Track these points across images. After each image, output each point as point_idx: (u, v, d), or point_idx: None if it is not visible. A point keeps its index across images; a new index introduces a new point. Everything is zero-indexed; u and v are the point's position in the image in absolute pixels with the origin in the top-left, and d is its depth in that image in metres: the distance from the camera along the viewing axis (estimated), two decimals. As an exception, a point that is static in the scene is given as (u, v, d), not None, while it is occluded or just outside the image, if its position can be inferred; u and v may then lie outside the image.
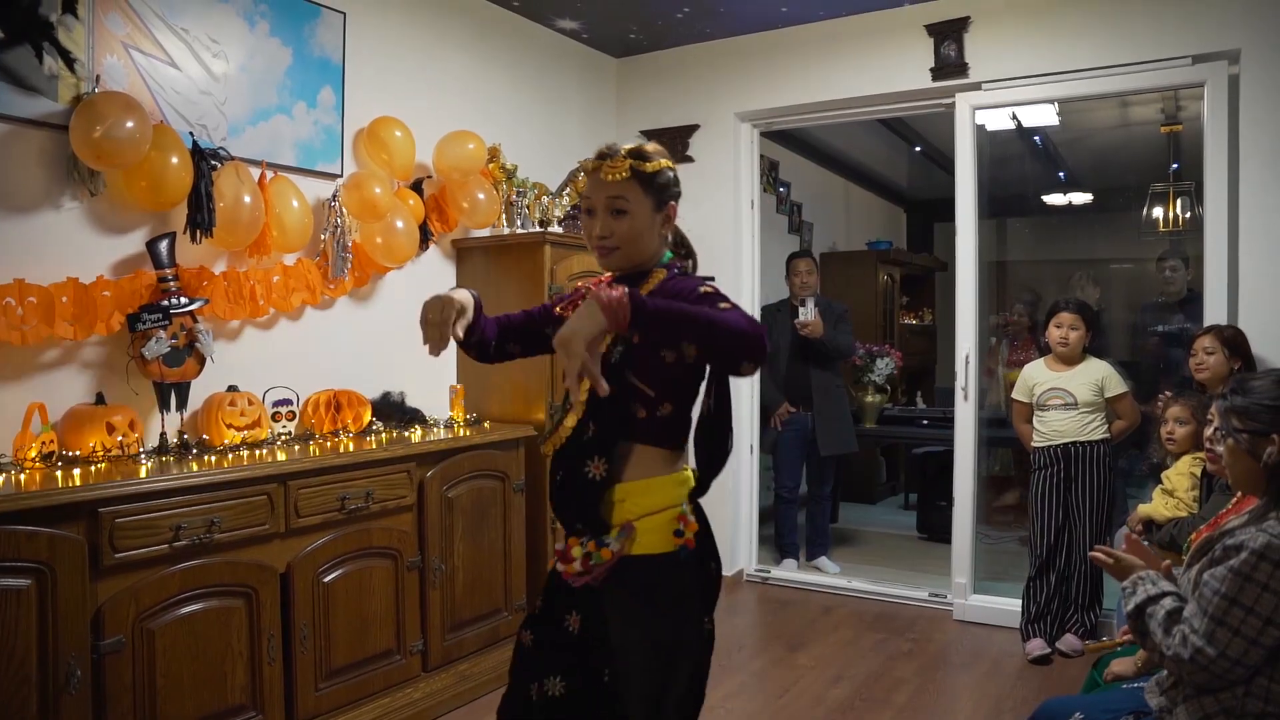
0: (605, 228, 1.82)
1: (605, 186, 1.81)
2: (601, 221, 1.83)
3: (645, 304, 1.54)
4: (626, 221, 1.81)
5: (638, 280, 1.86)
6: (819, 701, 3.45)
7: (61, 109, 2.76)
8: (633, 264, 1.86)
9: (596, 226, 1.83)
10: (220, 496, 2.68)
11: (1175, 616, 1.75)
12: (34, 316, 2.65)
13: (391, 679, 3.20)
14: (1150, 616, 1.80)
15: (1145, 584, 1.86)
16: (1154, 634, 1.78)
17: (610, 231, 1.82)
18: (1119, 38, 4.01)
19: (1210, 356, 3.38)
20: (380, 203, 3.48)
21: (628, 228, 1.82)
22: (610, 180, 1.80)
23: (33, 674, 2.24)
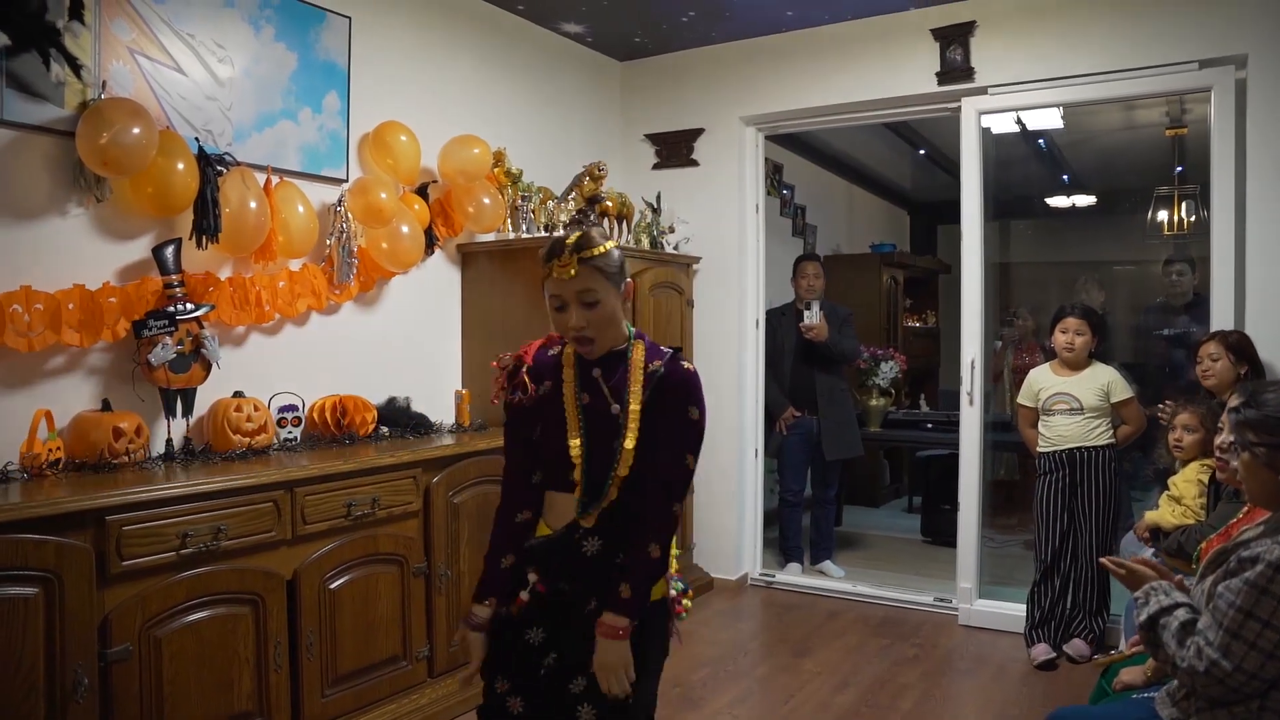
0: (580, 319, 1.86)
1: (569, 283, 1.85)
2: (576, 314, 1.86)
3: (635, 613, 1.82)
4: (599, 310, 1.87)
5: (618, 361, 1.93)
6: (825, 708, 3.44)
7: (68, 115, 2.76)
8: (610, 347, 1.93)
9: (572, 319, 1.86)
10: (227, 504, 2.68)
11: (1189, 628, 1.75)
12: (41, 323, 2.65)
13: (398, 685, 3.20)
14: (1164, 628, 1.79)
15: (1158, 594, 1.85)
16: (1167, 645, 1.77)
17: (587, 322, 1.86)
18: (1126, 42, 4.01)
19: (1216, 363, 3.37)
20: (386, 208, 3.47)
21: (600, 315, 1.87)
22: (570, 277, 1.84)
23: (40, 682, 2.23)
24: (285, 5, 3.41)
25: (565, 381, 1.94)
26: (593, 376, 1.92)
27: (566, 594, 1.91)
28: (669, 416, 1.88)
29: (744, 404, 4.99)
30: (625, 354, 1.93)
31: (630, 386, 1.90)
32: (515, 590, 1.97)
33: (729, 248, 4.97)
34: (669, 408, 1.88)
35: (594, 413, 1.91)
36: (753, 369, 5.04)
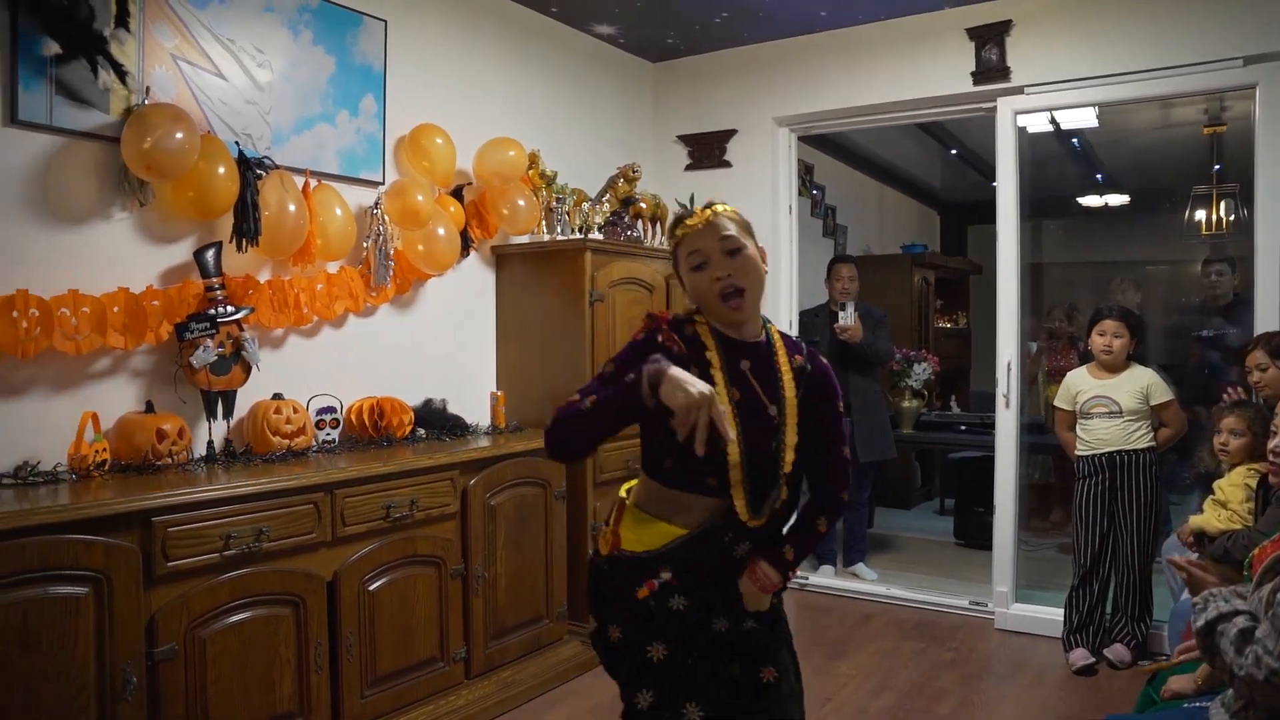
0: (725, 266, 1.75)
1: (705, 232, 1.77)
2: (719, 262, 1.76)
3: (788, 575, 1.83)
4: (744, 259, 1.77)
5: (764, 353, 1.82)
6: (862, 712, 3.42)
7: (113, 121, 2.79)
8: (754, 313, 1.81)
9: (718, 269, 1.75)
10: (268, 506, 2.70)
11: (1248, 636, 1.71)
12: (87, 326, 2.68)
13: (435, 686, 3.21)
14: (1221, 635, 1.76)
15: (1217, 600, 1.82)
16: (1225, 653, 1.74)
17: (732, 270, 1.75)
18: (1166, 39, 3.95)
19: (1265, 372, 3.30)
20: (423, 210, 3.49)
21: (745, 263, 1.76)
22: (708, 224, 1.77)
23: (91, 681, 2.26)
24: (323, 9, 3.43)
25: (713, 366, 1.77)
26: (741, 370, 1.79)
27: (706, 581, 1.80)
28: (824, 412, 1.85)
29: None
30: (770, 345, 1.85)
31: (782, 381, 1.81)
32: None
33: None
34: (822, 403, 1.85)
35: (746, 410, 1.77)
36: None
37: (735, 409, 1.75)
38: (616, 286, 4.00)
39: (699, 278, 1.78)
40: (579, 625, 3.83)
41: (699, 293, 1.79)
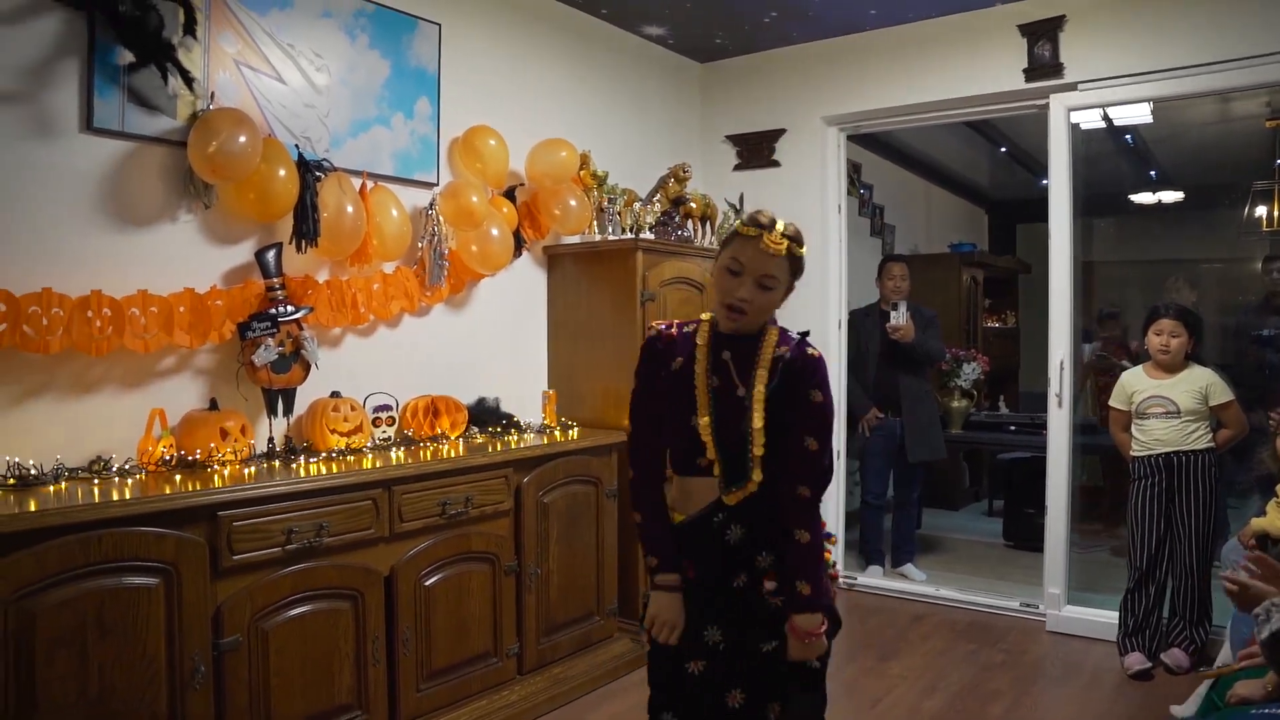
0: (750, 293, 1.90)
1: (764, 261, 1.89)
2: (748, 287, 1.90)
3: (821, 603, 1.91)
4: (768, 296, 1.93)
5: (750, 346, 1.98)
6: (914, 713, 3.41)
7: (179, 125, 2.87)
8: (752, 327, 1.97)
9: (742, 290, 1.90)
10: (329, 502, 2.75)
11: None
12: (155, 325, 2.75)
13: (489, 681, 3.25)
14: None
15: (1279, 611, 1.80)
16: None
17: (752, 298, 1.91)
18: (1224, 32, 3.88)
19: None
20: (477, 211, 3.53)
21: (767, 301, 1.93)
22: (770, 254, 1.89)
23: (162, 669, 2.33)
24: (379, 14, 3.49)
25: (697, 360, 1.99)
26: (723, 360, 1.97)
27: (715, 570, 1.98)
28: (793, 400, 1.94)
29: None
30: (758, 339, 1.98)
31: (757, 369, 1.95)
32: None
33: (811, 249, 4.87)
34: (793, 392, 1.93)
35: (722, 394, 1.95)
36: (836, 369, 5.01)
37: (711, 394, 1.95)
38: (667, 286, 4.02)
39: (728, 281, 1.93)
40: (629, 623, 3.85)
41: (718, 289, 1.96)
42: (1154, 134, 6.20)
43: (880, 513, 5.15)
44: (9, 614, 2.07)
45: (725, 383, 1.96)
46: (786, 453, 1.92)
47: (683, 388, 1.98)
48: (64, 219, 2.65)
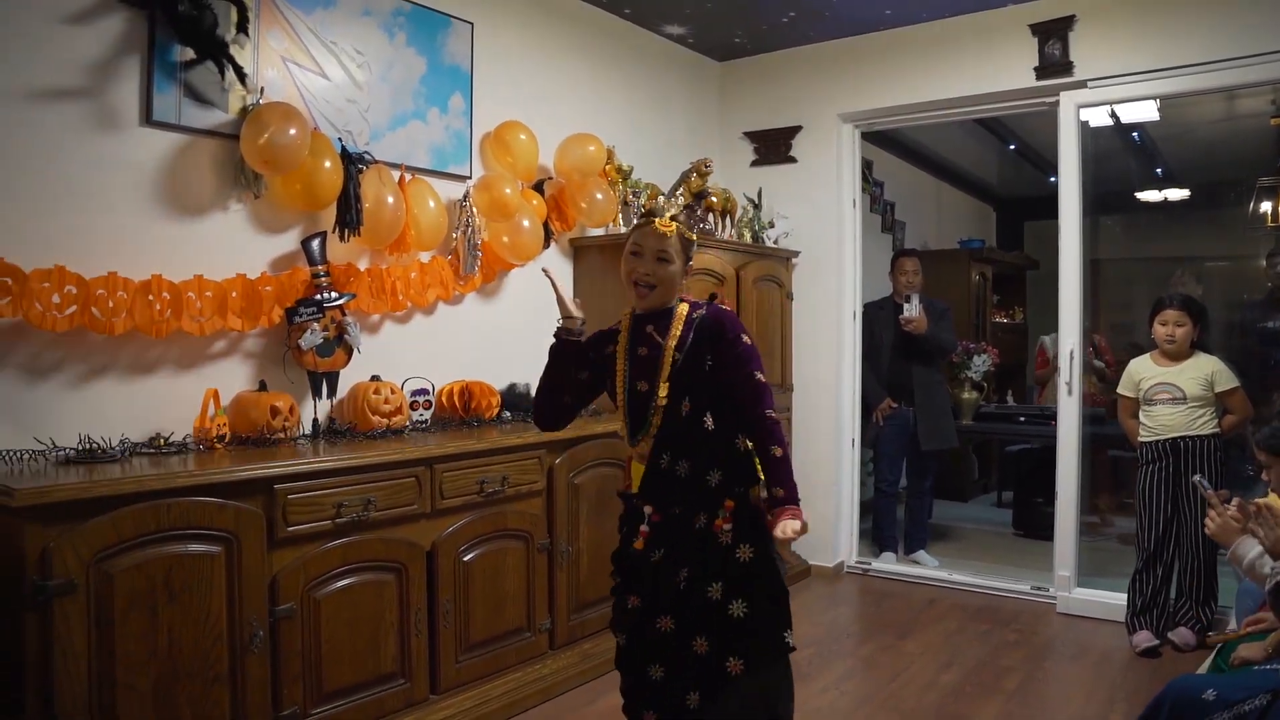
0: (649, 268, 2.29)
1: (656, 240, 2.29)
2: (648, 264, 2.29)
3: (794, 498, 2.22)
4: (667, 269, 2.30)
5: (664, 317, 2.33)
6: (931, 686, 3.53)
7: (231, 119, 3.00)
8: (661, 303, 2.33)
9: (643, 266, 2.30)
10: (375, 478, 2.88)
11: None
12: (210, 309, 2.89)
13: (523, 655, 3.38)
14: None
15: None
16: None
17: (653, 272, 2.29)
18: (1232, 29, 3.99)
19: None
20: (510, 202, 3.67)
21: (667, 274, 2.30)
22: (660, 233, 2.29)
23: (224, 632, 2.46)
24: (416, 13, 3.62)
25: (619, 344, 2.39)
26: (646, 331, 2.33)
27: (678, 516, 2.28)
28: (723, 348, 2.26)
29: (841, 394, 5.09)
30: (672, 310, 2.34)
31: (671, 330, 2.29)
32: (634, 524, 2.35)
33: (827, 242, 5.08)
34: (720, 342, 2.26)
35: (650, 360, 2.31)
36: (850, 360, 5.14)
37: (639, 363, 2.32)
38: (690, 277, 4.13)
39: (632, 262, 2.32)
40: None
41: (627, 274, 2.33)
42: (1160, 132, 6.32)
43: (893, 501, 5.28)
44: (90, 575, 2.20)
45: (652, 350, 2.31)
46: (739, 391, 2.25)
47: (611, 367, 2.38)
48: (126, 207, 2.79)
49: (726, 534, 2.23)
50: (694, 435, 2.26)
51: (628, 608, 2.33)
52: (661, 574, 2.26)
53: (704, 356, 2.25)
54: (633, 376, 2.32)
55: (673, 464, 2.27)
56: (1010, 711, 3.31)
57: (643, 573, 2.29)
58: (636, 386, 2.30)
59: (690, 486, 2.26)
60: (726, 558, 2.24)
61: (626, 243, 2.34)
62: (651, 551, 2.28)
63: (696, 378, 2.26)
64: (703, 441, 2.26)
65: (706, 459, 2.26)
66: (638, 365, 2.32)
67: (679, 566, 2.25)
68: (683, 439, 2.26)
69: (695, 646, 2.23)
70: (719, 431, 2.27)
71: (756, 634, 2.22)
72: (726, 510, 2.24)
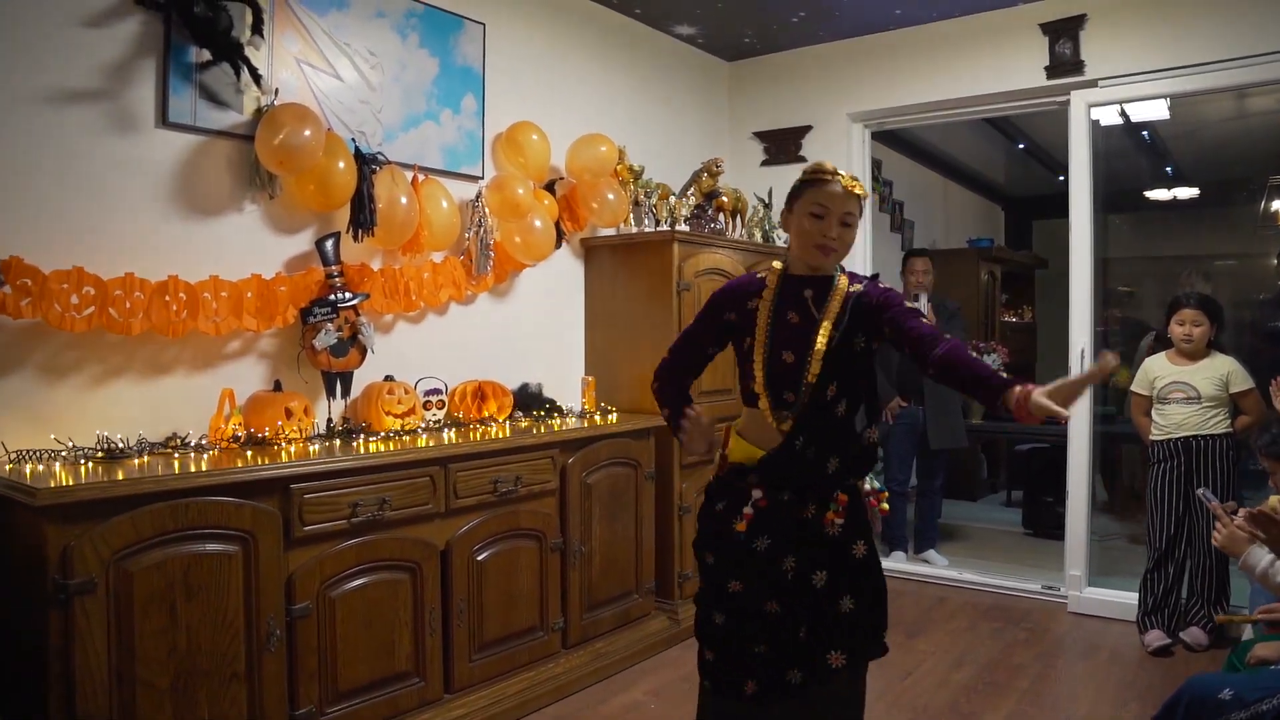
0: (835, 230, 2.13)
1: (844, 200, 2.13)
2: (833, 226, 2.13)
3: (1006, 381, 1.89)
4: (849, 233, 2.16)
5: (824, 285, 2.17)
6: (943, 683, 3.54)
7: (246, 120, 3.02)
8: (832, 269, 2.20)
9: (830, 229, 2.12)
10: (390, 477, 2.89)
11: None
12: (225, 309, 2.90)
13: (536, 654, 3.39)
14: None
15: None
16: None
17: (839, 236, 2.13)
18: (1243, 27, 3.99)
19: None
20: (523, 203, 3.68)
21: (848, 236, 2.16)
22: (849, 194, 2.13)
23: (241, 630, 2.48)
24: (428, 14, 3.64)
25: (764, 300, 2.19)
26: (803, 297, 2.17)
27: (786, 504, 2.14)
28: (886, 308, 2.09)
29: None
30: (833, 280, 2.19)
31: (829, 303, 2.14)
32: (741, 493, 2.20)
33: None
34: (886, 309, 2.09)
35: (801, 329, 2.14)
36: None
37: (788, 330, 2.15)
38: (701, 276, 4.15)
39: (813, 224, 2.14)
40: (666, 602, 4.00)
41: (805, 232, 2.15)
42: (1170, 130, 6.31)
43: (903, 500, 5.27)
44: (110, 572, 2.22)
45: (804, 318, 2.15)
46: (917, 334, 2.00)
47: (750, 323, 2.19)
48: (142, 208, 2.81)
49: (837, 527, 2.13)
50: (832, 420, 2.13)
51: (728, 591, 2.18)
52: (768, 562, 2.14)
53: (857, 336, 2.12)
54: (775, 343, 2.15)
55: (805, 449, 2.12)
56: (1022, 710, 3.31)
57: (744, 559, 2.15)
58: (781, 356, 2.14)
59: (812, 471, 2.13)
60: (838, 552, 2.14)
61: (798, 203, 2.17)
62: (756, 538, 2.14)
63: (847, 360, 2.12)
64: (838, 427, 2.14)
65: (834, 445, 2.13)
66: (783, 331, 2.15)
67: (785, 555, 2.13)
68: (821, 423, 2.12)
69: (800, 633, 2.14)
70: (847, 417, 2.15)
71: (862, 631, 2.14)
72: (840, 504, 2.14)
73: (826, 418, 2.13)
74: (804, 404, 2.11)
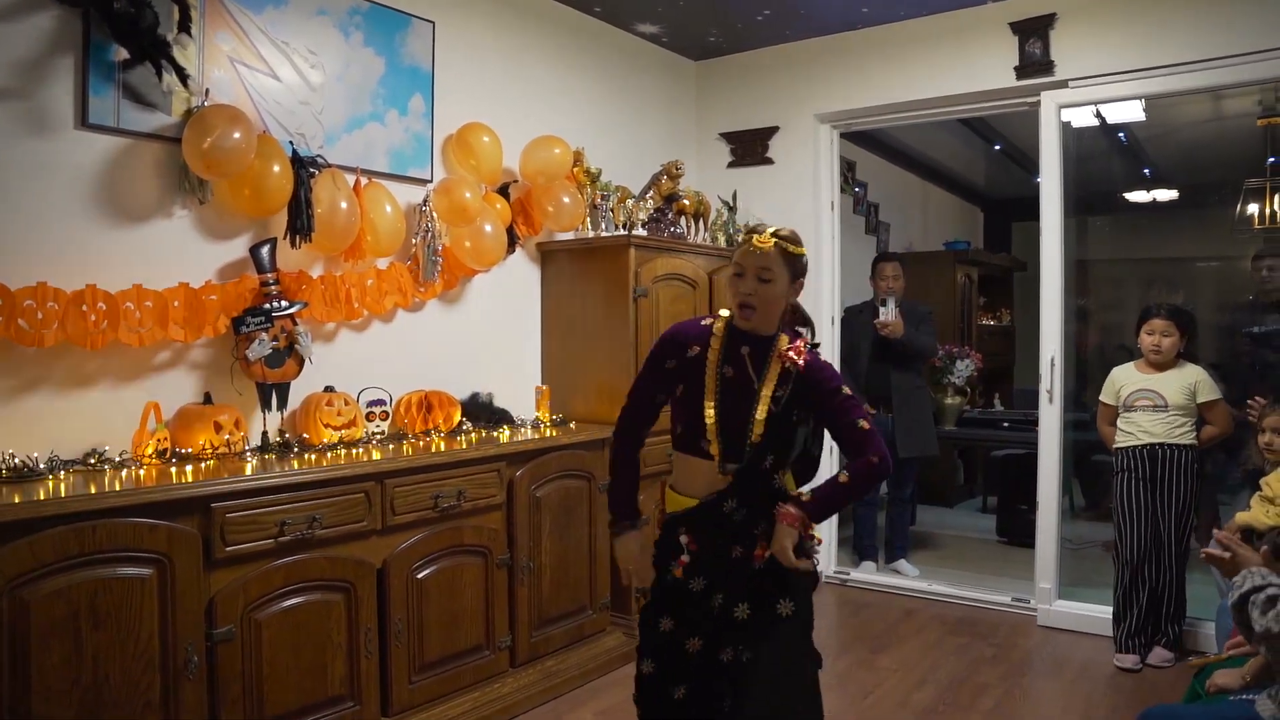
0: (751, 287, 2.14)
1: (756, 256, 2.14)
2: (750, 284, 2.14)
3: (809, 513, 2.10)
4: (769, 289, 2.15)
5: (763, 345, 2.19)
6: (903, 705, 3.43)
7: (174, 122, 2.90)
8: (764, 324, 2.18)
9: (744, 286, 2.15)
10: (322, 494, 2.78)
11: (1275, 601, 1.75)
12: (150, 320, 2.78)
13: (481, 674, 3.28)
14: (1253, 605, 1.80)
15: (1254, 576, 1.86)
16: (1253, 618, 1.78)
17: (754, 292, 2.14)
18: (1217, 28, 3.90)
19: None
20: (470, 207, 3.56)
21: (769, 293, 2.15)
22: (762, 251, 2.13)
23: (156, 658, 2.37)
24: (373, 12, 3.52)
25: (711, 350, 2.21)
26: (741, 354, 2.19)
27: (714, 546, 2.20)
28: (826, 397, 2.15)
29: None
30: (773, 341, 2.20)
31: (769, 367, 2.17)
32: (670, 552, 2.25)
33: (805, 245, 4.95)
34: (822, 391, 2.15)
35: (735, 385, 2.18)
36: (827, 366, 5.03)
37: (722, 381, 2.18)
38: (660, 282, 4.05)
39: (735, 282, 2.19)
40: (622, 616, 3.88)
41: (731, 291, 2.20)
42: (1148, 132, 6.23)
43: (873, 509, 5.18)
44: (4, 602, 2.10)
45: (740, 375, 2.18)
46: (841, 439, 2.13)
47: (696, 373, 2.20)
48: (59, 214, 2.68)
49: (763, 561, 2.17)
50: (764, 485, 2.20)
51: (659, 630, 2.25)
52: (701, 603, 2.22)
53: (794, 412, 2.18)
54: (725, 395, 2.18)
55: (735, 509, 2.19)
56: (983, 732, 3.22)
57: (682, 599, 2.23)
58: (726, 404, 2.18)
59: (738, 529, 2.20)
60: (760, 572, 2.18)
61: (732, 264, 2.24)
62: (691, 579, 2.22)
63: (784, 429, 2.18)
64: (770, 493, 2.19)
65: (763, 509, 2.18)
66: (726, 386, 2.18)
67: (715, 593, 2.21)
68: (752, 486, 2.19)
69: (723, 656, 2.19)
70: (771, 470, 2.20)
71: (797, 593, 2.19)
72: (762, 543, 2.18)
73: (759, 482, 2.18)
74: (746, 465, 2.16)
